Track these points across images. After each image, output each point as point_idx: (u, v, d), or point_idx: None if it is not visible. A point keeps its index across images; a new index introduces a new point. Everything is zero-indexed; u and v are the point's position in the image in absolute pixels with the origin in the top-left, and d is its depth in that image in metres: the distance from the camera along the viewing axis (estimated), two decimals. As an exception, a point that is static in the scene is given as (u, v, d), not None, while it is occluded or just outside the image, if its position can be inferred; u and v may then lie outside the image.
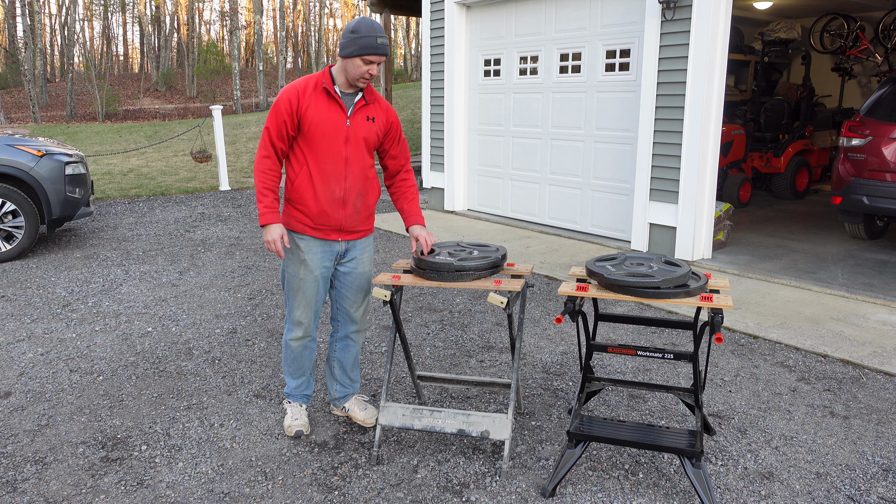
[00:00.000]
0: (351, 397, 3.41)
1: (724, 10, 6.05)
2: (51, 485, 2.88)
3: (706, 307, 2.63)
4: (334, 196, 3.01)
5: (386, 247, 7.04)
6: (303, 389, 3.34)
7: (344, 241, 3.12)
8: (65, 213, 6.67)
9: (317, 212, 3.01)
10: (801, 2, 10.07)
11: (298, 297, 3.13)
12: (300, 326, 3.18)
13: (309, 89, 2.95)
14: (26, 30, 26.18)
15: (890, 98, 6.64)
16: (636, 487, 2.84)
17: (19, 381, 3.86)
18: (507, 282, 2.88)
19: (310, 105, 2.93)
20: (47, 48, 41.49)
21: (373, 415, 3.34)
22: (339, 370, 3.36)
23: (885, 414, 3.49)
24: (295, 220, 3.06)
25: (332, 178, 3.00)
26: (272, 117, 2.95)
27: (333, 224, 3.05)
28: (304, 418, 3.29)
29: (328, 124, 2.95)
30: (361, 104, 3.02)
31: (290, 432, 3.23)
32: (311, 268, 3.09)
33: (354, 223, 3.11)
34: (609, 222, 7.29)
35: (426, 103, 9.26)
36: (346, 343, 3.33)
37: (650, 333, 4.62)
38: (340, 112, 2.97)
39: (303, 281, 3.10)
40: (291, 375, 3.32)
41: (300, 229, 3.06)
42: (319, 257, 3.09)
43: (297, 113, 2.93)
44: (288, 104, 2.92)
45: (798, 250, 6.78)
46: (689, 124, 6.18)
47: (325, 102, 2.95)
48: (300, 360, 3.28)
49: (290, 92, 2.95)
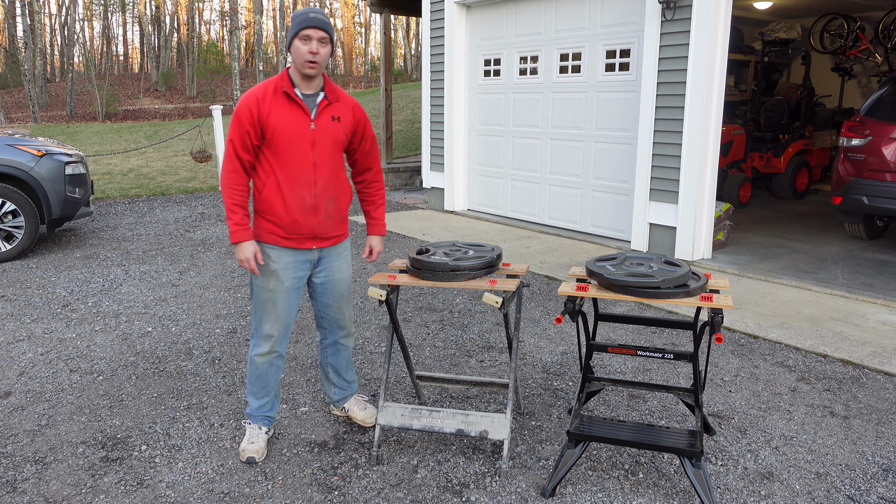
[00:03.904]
0: (350, 398, 3.38)
1: (724, 10, 6.05)
2: (51, 485, 2.88)
3: (706, 307, 2.63)
4: (305, 203, 2.90)
5: (386, 247, 7.04)
6: (266, 411, 3.15)
7: (318, 248, 3.02)
8: (65, 213, 6.67)
9: (288, 221, 2.90)
10: (801, 2, 10.08)
11: (268, 309, 3.00)
12: (268, 340, 3.03)
13: (268, 95, 2.82)
14: (26, 30, 26.18)
15: (890, 98, 6.64)
16: (636, 487, 2.84)
17: (19, 381, 3.86)
18: (503, 282, 2.88)
19: (271, 111, 2.81)
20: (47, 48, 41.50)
21: (372, 414, 3.32)
22: (333, 374, 3.31)
23: (885, 414, 3.49)
24: (266, 232, 2.94)
25: (301, 184, 2.88)
26: (234, 129, 2.82)
27: (306, 232, 2.94)
28: (261, 443, 3.08)
29: (292, 129, 2.83)
30: (325, 104, 2.90)
31: (243, 457, 3.03)
32: (282, 279, 2.97)
33: (328, 229, 3.00)
34: (609, 222, 7.29)
35: (426, 103, 9.26)
36: (337, 348, 3.27)
37: (650, 333, 4.62)
38: (303, 115, 2.85)
39: (272, 292, 2.97)
40: (255, 395, 3.13)
41: (271, 240, 2.94)
42: (292, 268, 2.98)
43: (258, 121, 2.80)
44: (248, 113, 2.80)
45: (798, 250, 6.78)
46: (689, 124, 6.18)
47: (286, 107, 2.83)
48: (265, 378, 3.10)
49: (249, 100, 2.82)
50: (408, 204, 9.78)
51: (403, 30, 46.24)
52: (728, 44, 6.14)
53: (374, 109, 18.72)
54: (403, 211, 9.19)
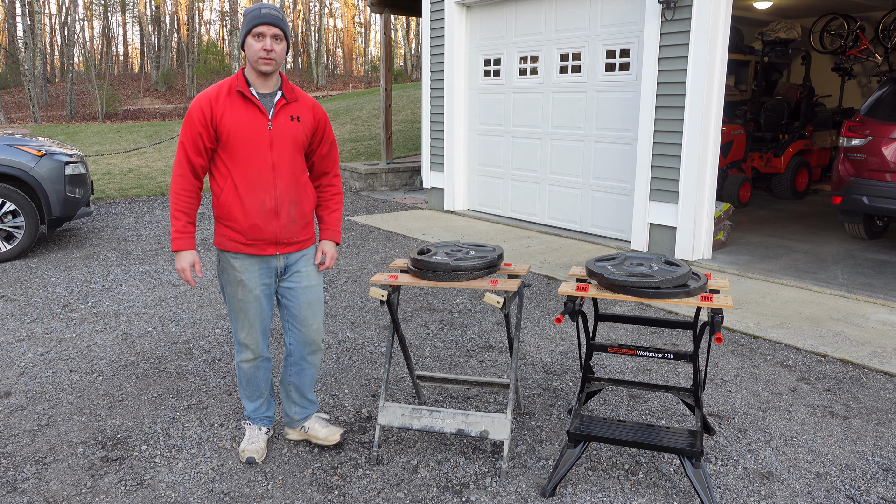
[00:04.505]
0: (311, 416, 3.19)
1: (724, 10, 6.05)
2: (51, 485, 2.88)
3: (706, 307, 2.63)
4: (265, 207, 2.77)
5: (386, 246, 7.04)
6: (263, 411, 3.10)
7: (282, 254, 2.88)
8: (65, 213, 6.67)
9: (248, 226, 2.77)
10: (801, 2, 10.08)
11: (240, 318, 2.90)
12: (247, 349, 2.96)
13: (222, 95, 2.71)
14: (26, 30, 26.18)
15: (890, 98, 6.64)
16: (636, 487, 2.84)
17: (19, 381, 3.86)
18: (504, 282, 2.88)
19: (225, 112, 2.69)
20: (47, 48, 41.50)
21: (335, 432, 3.13)
22: (296, 394, 3.12)
23: (885, 414, 3.49)
24: (226, 239, 2.82)
25: (260, 187, 2.75)
26: (186, 131, 2.70)
27: (268, 237, 2.81)
28: (261, 443, 3.04)
29: (247, 130, 2.71)
30: (282, 103, 2.78)
31: (243, 457, 2.99)
32: (250, 287, 2.85)
33: (290, 234, 2.86)
34: (609, 222, 7.29)
35: (426, 103, 9.26)
36: (302, 367, 3.08)
37: (650, 333, 4.62)
38: (260, 115, 2.74)
39: (242, 302, 2.87)
40: (248, 398, 3.07)
41: (233, 247, 2.82)
42: (257, 275, 2.86)
43: (211, 123, 2.69)
44: (201, 114, 2.68)
45: (798, 250, 6.79)
46: (689, 124, 6.18)
47: (241, 107, 2.72)
48: (254, 382, 3.03)
49: (202, 101, 2.70)
50: (408, 204, 9.78)
51: (403, 30, 46.25)
52: (728, 44, 6.14)
53: (374, 109, 18.73)
54: (403, 211, 9.19)
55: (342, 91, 35.37)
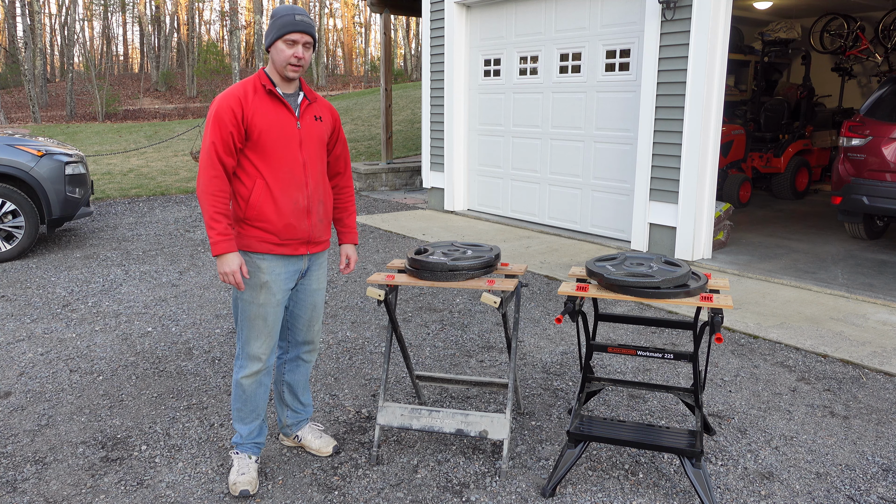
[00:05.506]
0: (304, 424, 3.14)
1: (724, 10, 6.05)
2: (51, 485, 2.88)
3: (706, 307, 2.63)
4: (298, 206, 2.74)
5: (386, 247, 7.04)
6: (254, 437, 2.91)
7: (309, 254, 2.86)
8: (65, 213, 6.68)
9: (282, 226, 2.72)
10: (801, 2, 10.08)
11: (257, 326, 2.77)
12: (257, 361, 2.81)
13: (249, 94, 2.67)
14: (26, 30, 26.18)
15: (890, 98, 6.64)
16: (636, 487, 2.84)
17: (19, 381, 3.86)
18: (501, 281, 2.88)
19: (256, 111, 2.65)
20: (47, 48, 41.50)
21: (329, 443, 3.09)
22: (289, 395, 3.07)
23: (885, 414, 3.49)
24: (256, 240, 2.73)
25: (293, 186, 2.73)
26: (215, 131, 2.62)
27: (301, 236, 2.78)
28: (253, 473, 2.85)
29: (279, 129, 2.69)
30: (306, 104, 2.79)
31: (235, 491, 2.79)
32: (274, 291, 2.76)
33: (319, 233, 2.85)
34: (609, 222, 7.29)
35: (426, 103, 9.26)
36: (297, 364, 3.04)
37: (650, 333, 4.62)
38: (289, 115, 2.72)
39: (263, 307, 2.76)
40: (242, 421, 2.89)
41: (263, 249, 2.73)
42: (283, 279, 2.79)
43: (243, 122, 2.64)
44: (231, 114, 2.62)
45: (798, 250, 6.79)
46: (689, 124, 6.18)
47: (270, 106, 2.69)
48: (254, 400, 2.87)
49: (230, 99, 2.64)
50: (408, 204, 9.78)
51: (403, 30, 46.24)
52: (728, 44, 6.14)
53: (374, 109, 18.73)
54: (403, 211, 9.19)
55: (342, 91, 35.35)
